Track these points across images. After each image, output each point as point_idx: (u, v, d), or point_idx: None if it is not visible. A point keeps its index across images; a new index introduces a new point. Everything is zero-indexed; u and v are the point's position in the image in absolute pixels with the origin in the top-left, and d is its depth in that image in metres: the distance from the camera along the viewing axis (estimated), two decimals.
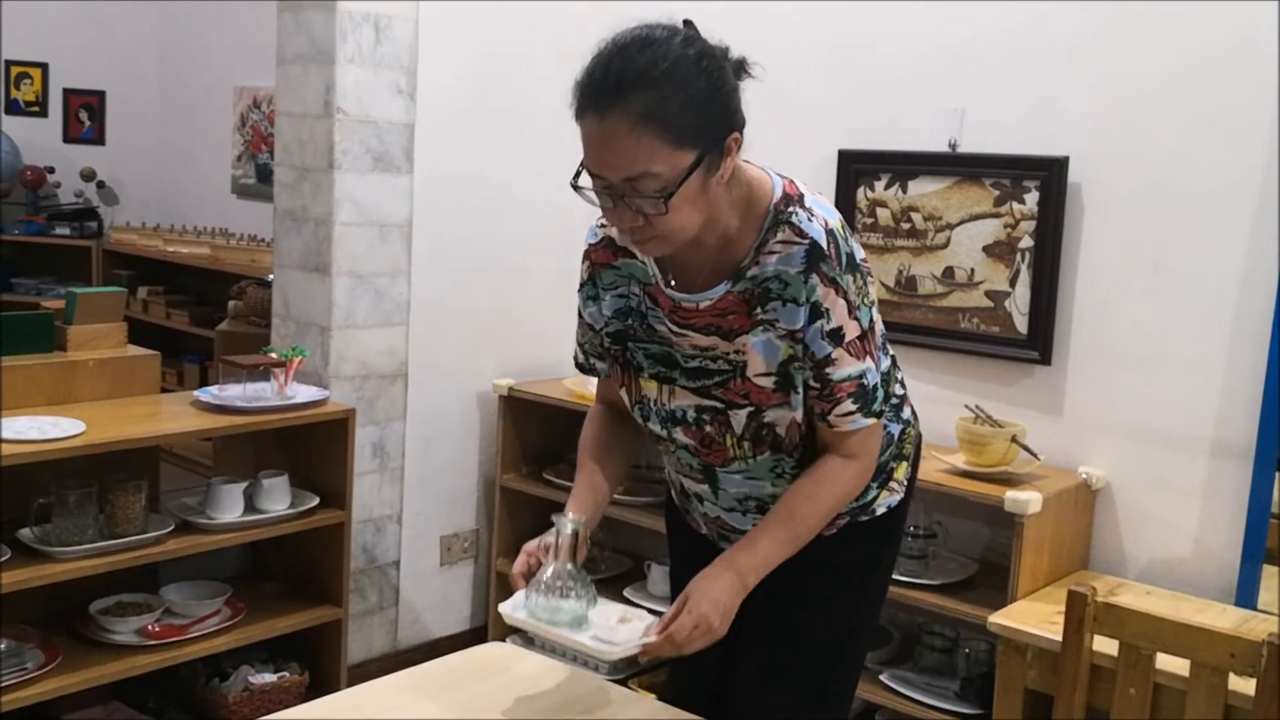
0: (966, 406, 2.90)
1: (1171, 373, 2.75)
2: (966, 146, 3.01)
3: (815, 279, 1.66)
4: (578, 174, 1.69)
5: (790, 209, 1.70)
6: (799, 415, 1.75)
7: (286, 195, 3.32)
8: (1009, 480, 2.74)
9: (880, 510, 1.90)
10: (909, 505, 1.99)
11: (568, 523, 1.72)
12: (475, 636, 3.68)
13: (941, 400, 3.04)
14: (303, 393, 3.11)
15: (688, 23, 1.67)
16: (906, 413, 1.95)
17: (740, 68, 1.68)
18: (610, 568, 3.54)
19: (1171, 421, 2.76)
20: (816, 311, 1.67)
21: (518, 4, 3.54)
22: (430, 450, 3.53)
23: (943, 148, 3.04)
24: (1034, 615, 2.53)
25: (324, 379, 3.24)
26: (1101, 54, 2.81)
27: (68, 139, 6.48)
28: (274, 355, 3.12)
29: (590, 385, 3.41)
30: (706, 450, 1.80)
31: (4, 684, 2.56)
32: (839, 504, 1.78)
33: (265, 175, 5.81)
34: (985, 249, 2.97)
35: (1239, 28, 2.61)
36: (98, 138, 6.54)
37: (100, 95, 6.50)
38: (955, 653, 2.93)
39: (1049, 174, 2.85)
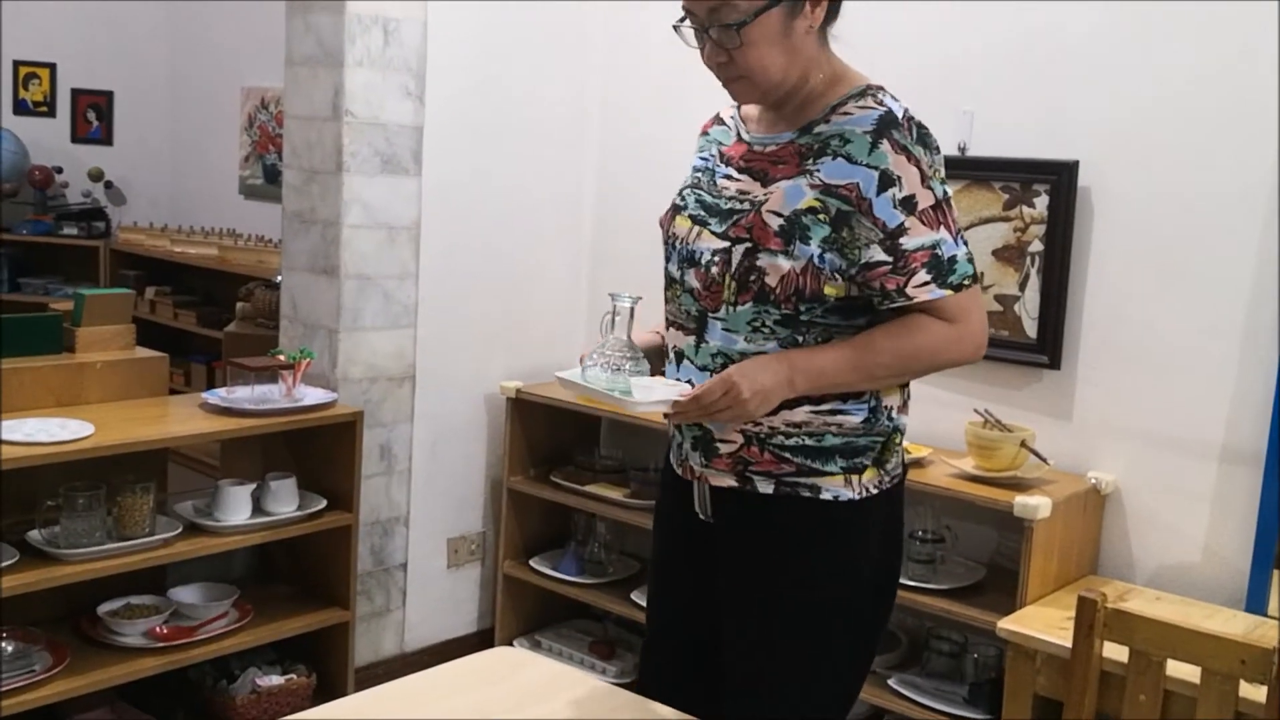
0: (975, 411, 2.89)
1: (1182, 377, 2.75)
2: (976, 150, 3.01)
3: (886, 145, 1.71)
4: (682, 19, 1.82)
5: (879, 90, 1.79)
6: (798, 268, 1.74)
7: (295, 197, 3.32)
8: (1018, 485, 2.73)
9: (829, 494, 1.81)
10: (873, 519, 1.85)
11: (625, 298, 1.84)
12: (483, 639, 3.68)
13: (950, 404, 3.04)
14: (310, 395, 3.11)
15: None
16: (902, 422, 1.88)
17: None
18: (617, 570, 3.54)
19: (1181, 426, 2.75)
20: (887, 179, 1.70)
21: (525, 6, 3.54)
22: (437, 452, 3.53)
23: (952, 151, 3.03)
24: (1043, 621, 2.52)
25: (332, 381, 3.24)
26: (1111, 58, 2.81)
27: (76, 139, 6.49)
28: (282, 358, 3.12)
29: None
30: (706, 293, 1.82)
31: (11, 686, 2.56)
32: (923, 354, 1.76)
33: (273, 176, 5.82)
34: (995, 253, 2.96)
35: (1248, 32, 2.60)
36: (105, 138, 6.54)
37: (108, 95, 6.51)
38: (964, 658, 2.92)
39: (1059, 178, 2.84)
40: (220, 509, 2.94)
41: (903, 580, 2.79)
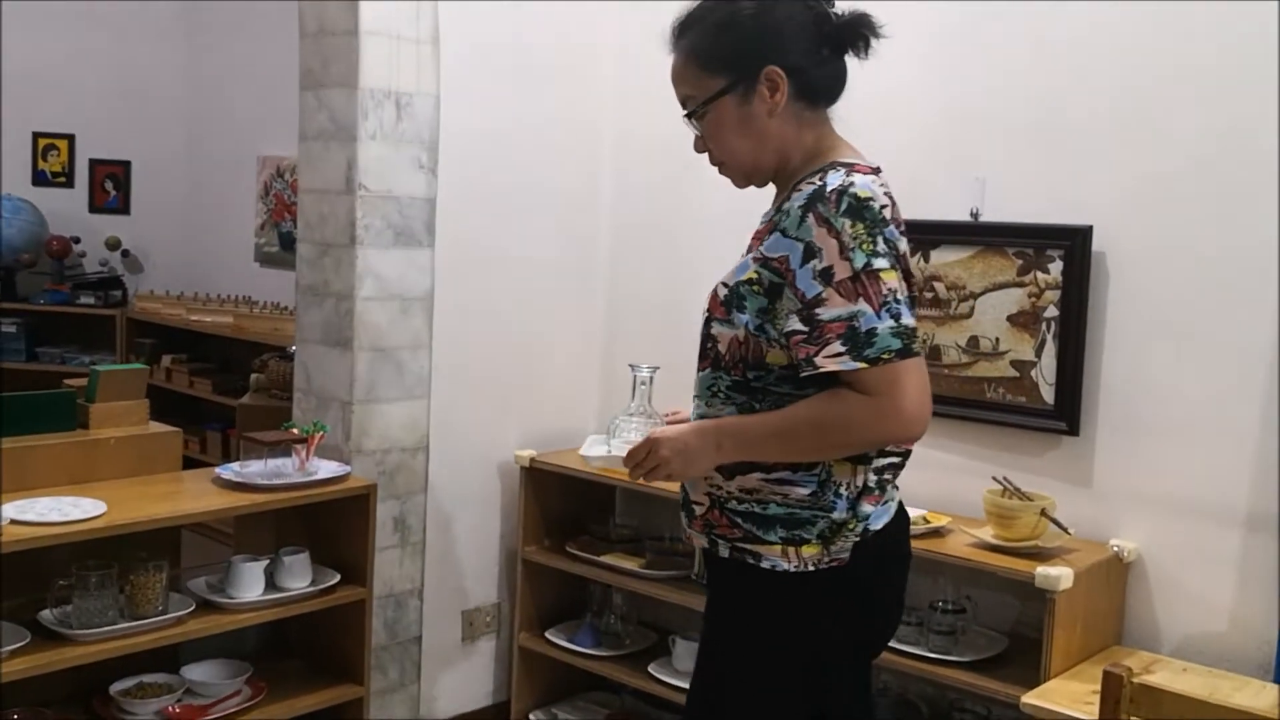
0: (994, 478, 2.86)
1: (1202, 442, 2.71)
2: (989, 215, 3.00)
3: (811, 218, 1.77)
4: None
5: (835, 165, 1.85)
6: (739, 336, 1.84)
7: (308, 270, 3.33)
8: (1039, 555, 2.69)
9: (768, 563, 1.85)
10: (816, 594, 1.86)
11: (643, 368, 2.15)
12: (499, 713, 3.64)
13: (968, 471, 3.01)
14: (324, 468, 3.10)
15: None
16: (865, 510, 1.86)
17: (823, 20, 1.89)
18: (634, 642, 3.49)
19: (1204, 492, 2.72)
20: (810, 251, 1.76)
21: (536, 80, 3.57)
22: (451, 523, 3.51)
23: (965, 217, 3.03)
24: (1068, 695, 2.48)
25: (345, 453, 3.23)
26: (1124, 122, 2.80)
27: (94, 209, 6.55)
28: (295, 431, 3.11)
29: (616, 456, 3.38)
30: (701, 360, 1.96)
31: None
32: (837, 426, 1.76)
33: (288, 243, 5.85)
34: (1010, 318, 2.95)
35: (1263, 96, 2.60)
36: (123, 207, 6.60)
37: (126, 165, 6.58)
38: None
39: (1072, 244, 2.83)
40: (233, 585, 2.93)
41: (923, 652, 2.79)
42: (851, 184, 1.78)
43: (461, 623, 3.57)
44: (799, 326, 1.76)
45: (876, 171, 1.89)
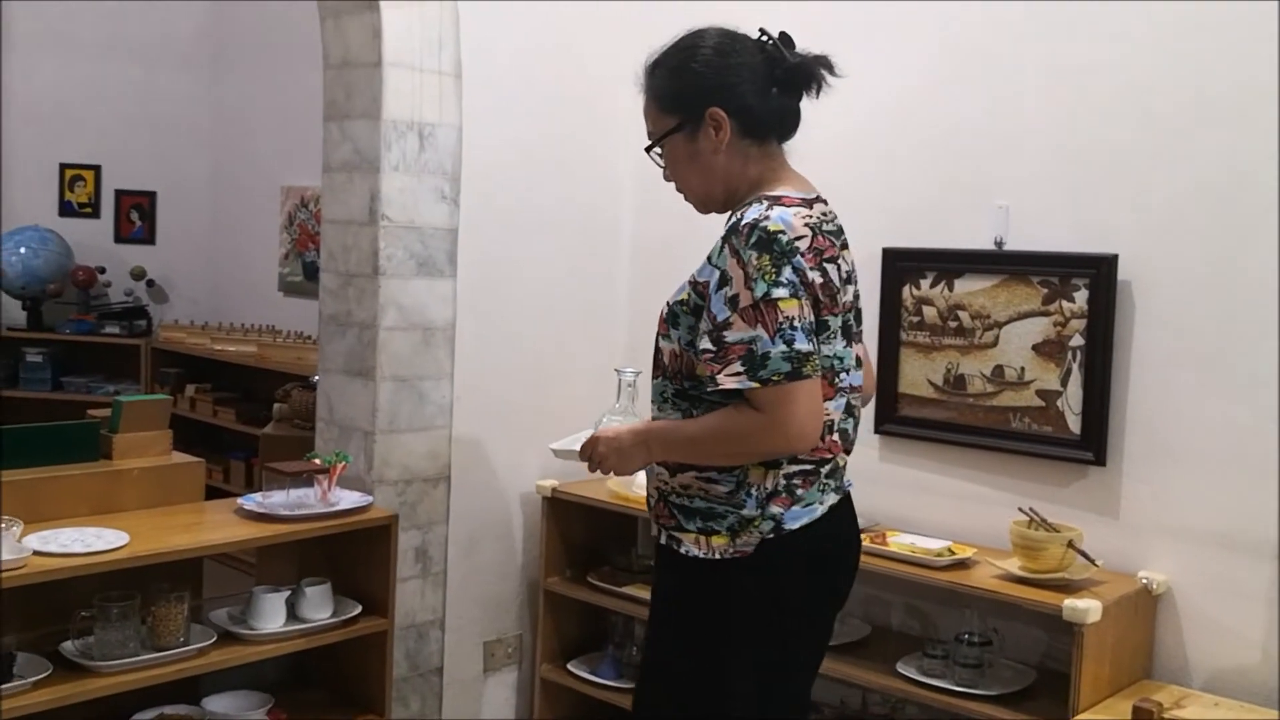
0: (1020, 509, 2.83)
1: (1231, 472, 2.68)
2: (1013, 244, 2.98)
3: (726, 248, 1.97)
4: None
5: (762, 198, 2.03)
6: (675, 349, 2.07)
7: (331, 300, 3.34)
8: (1066, 587, 2.66)
9: (685, 549, 2.06)
10: (725, 582, 2.03)
11: (628, 372, 2.60)
12: None
13: (994, 502, 2.99)
14: (346, 498, 3.10)
15: (761, 31, 2.10)
16: (774, 511, 2.01)
17: (776, 63, 2.06)
18: None
19: (1234, 523, 2.68)
20: (724, 278, 1.96)
21: (556, 109, 3.58)
22: (473, 553, 3.49)
23: (989, 245, 3.01)
24: None
25: (367, 483, 3.23)
26: (1149, 150, 2.78)
27: (119, 239, 6.60)
28: (318, 461, 3.11)
29: (630, 486, 3.37)
30: (654, 370, 2.17)
31: None
32: (734, 435, 1.97)
33: (312, 273, 5.88)
34: (1035, 347, 2.92)
35: None
36: (148, 237, 6.65)
37: (151, 196, 6.63)
38: None
39: (1098, 272, 2.81)
40: (255, 616, 2.92)
41: (949, 685, 2.75)
42: (766, 218, 1.95)
43: (483, 654, 3.55)
44: (709, 345, 1.96)
45: (809, 204, 2.05)
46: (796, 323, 1.92)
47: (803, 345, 1.91)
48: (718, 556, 2.03)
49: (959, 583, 2.76)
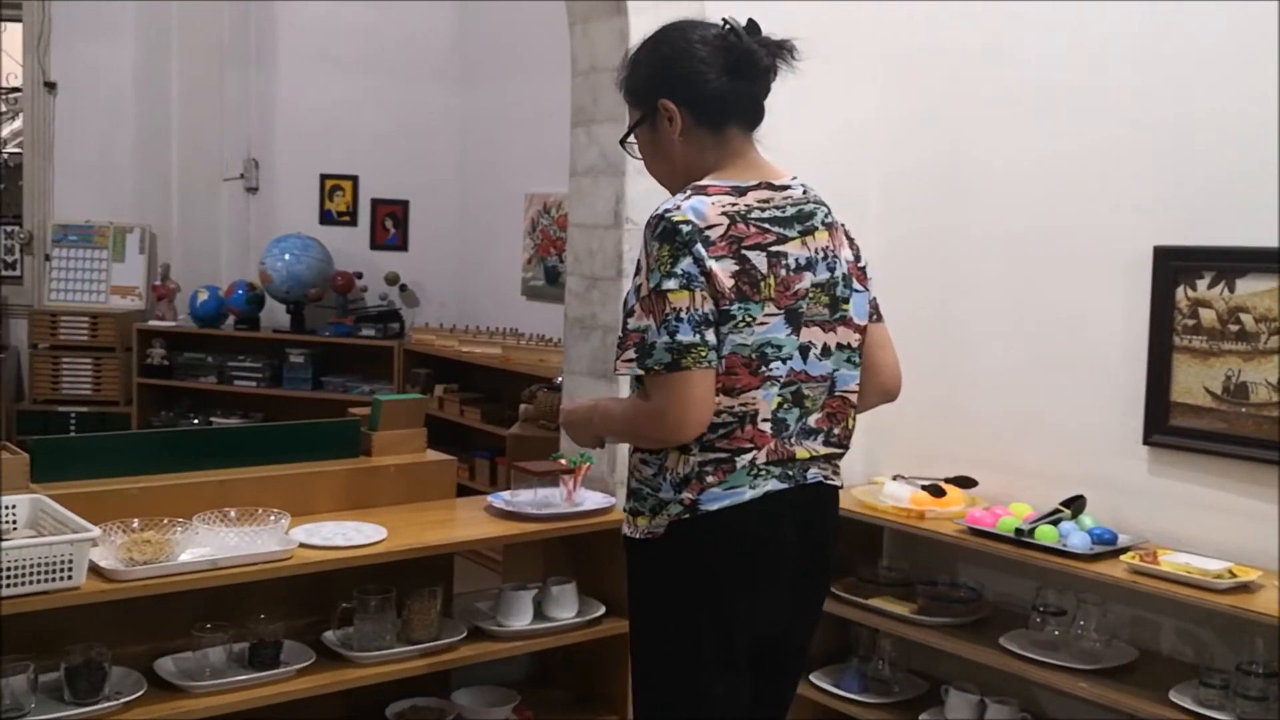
0: None
1: None
2: None
3: (644, 239, 2.04)
4: None
5: (688, 188, 2.07)
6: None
7: (576, 303, 3.36)
8: None
9: (623, 529, 2.17)
10: (651, 559, 2.11)
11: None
12: None
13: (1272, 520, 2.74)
14: (590, 499, 3.11)
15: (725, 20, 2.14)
16: (685, 497, 2.04)
17: (730, 50, 2.09)
18: (903, 690, 3.34)
19: None
20: (638, 267, 2.04)
21: (802, 104, 3.49)
22: None
23: (1275, 242, 2.77)
24: None
25: (610, 485, 3.23)
26: None
27: (374, 246, 6.91)
28: (563, 462, 3.14)
29: (885, 494, 3.27)
30: None
31: None
32: (626, 419, 2.12)
33: (553, 277, 6.00)
34: None
35: None
36: (401, 244, 6.93)
37: (404, 204, 6.91)
38: None
39: None
40: (504, 613, 2.96)
41: (1229, 718, 2.54)
42: (677, 208, 2.01)
43: None
44: (620, 331, 2.06)
45: (742, 192, 2.07)
46: (683, 314, 1.97)
47: (685, 337, 1.96)
48: (639, 536, 2.12)
49: (1242, 607, 2.54)
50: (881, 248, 3.69)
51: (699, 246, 1.98)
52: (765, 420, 2.06)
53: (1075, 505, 3.01)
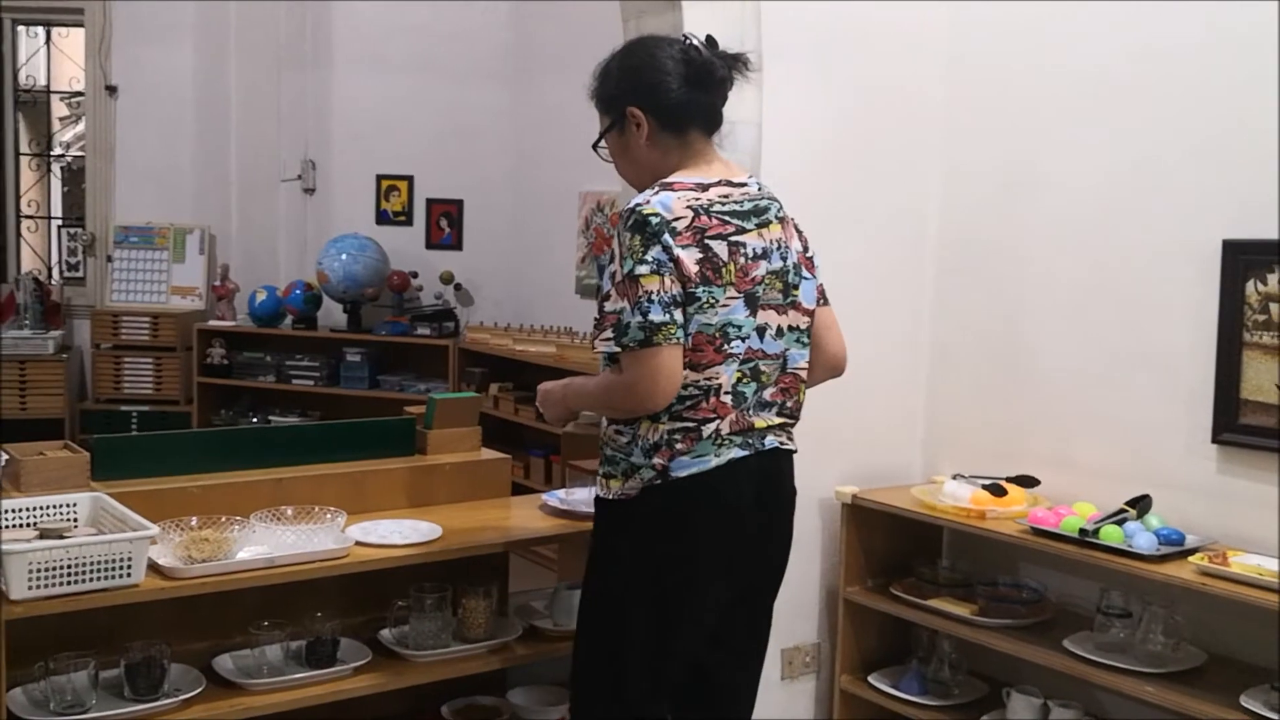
0: None
1: None
2: None
3: (616, 230, 2.24)
4: None
5: (657, 185, 2.27)
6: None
7: None
8: None
9: (597, 491, 2.37)
10: (624, 520, 2.30)
11: None
12: None
13: None
14: None
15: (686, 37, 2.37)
16: (656, 462, 2.24)
17: (690, 61, 2.32)
18: (964, 692, 3.29)
19: None
20: (611, 256, 2.24)
21: (859, 107, 3.46)
22: None
23: None
24: None
25: None
26: None
27: (429, 245, 6.93)
28: None
29: (944, 493, 3.22)
30: None
31: None
32: (601, 391, 2.33)
33: None
34: None
35: None
36: (456, 243, 6.96)
37: (459, 204, 6.93)
38: None
39: None
40: (558, 612, 2.95)
41: None
42: (647, 203, 2.21)
43: (781, 661, 3.48)
44: (595, 314, 2.25)
45: (705, 189, 2.27)
46: (654, 297, 2.17)
47: (656, 316, 2.16)
48: (612, 497, 2.31)
49: None
50: (942, 243, 3.64)
51: (666, 236, 2.19)
52: (727, 393, 2.26)
53: (1141, 505, 2.95)
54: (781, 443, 2.40)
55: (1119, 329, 3.16)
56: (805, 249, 2.47)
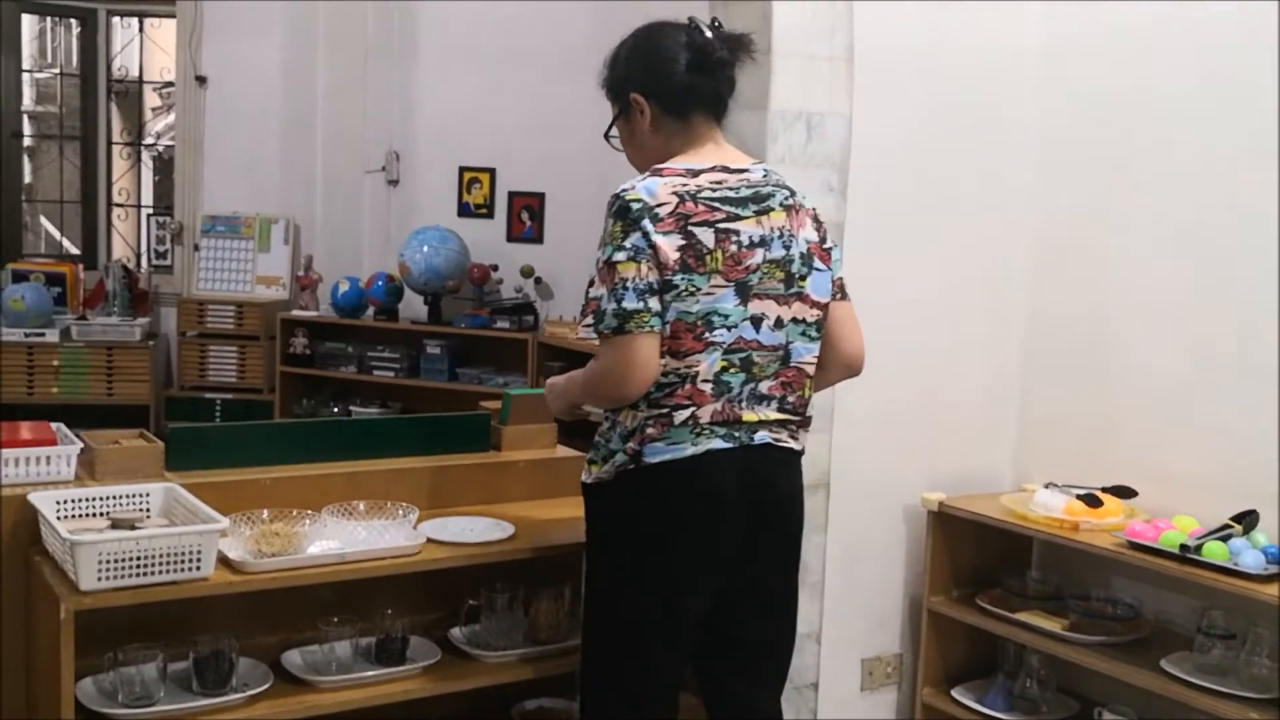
0: None
1: None
2: None
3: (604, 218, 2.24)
4: None
5: (649, 170, 2.28)
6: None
7: None
8: None
9: (582, 477, 2.38)
10: (603, 502, 2.32)
11: None
12: None
13: None
14: None
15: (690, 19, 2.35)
16: (629, 447, 2.23)
17: (692, 45, 2.31)
18: (1052, 710, 3.17)
19: None
20: (599, 243, 2.24)
21: (951, 98, 3.34)
22: (852, 565, 3.32)
23: None
24: None
25: None
26: None
27: (510, 238, 6.89)
28: None
29: (1036, 503, 3.09)
30: None
31: None
32: (582, 380, 2.36)
33: None
34: None
35: None
36: (536, 237, 6.90)
37: (540, 197, 6.88)
38: None
39: None
40: None
41: None
42: (631, 188, 2.22)
43: (861, 671, 3.38)
44: (583, 299, 2.25)
45: (695, 174, 2.25)
46: (629, 283, 2.16)
47: (630, 304, 2.15)
48: (590, 481, 2.33)
49: None
50: (1036, 244, 3.51)
51: (646, 222, 2.18)
52: (705, 381, 2.21)
53: (1247, 521, 2.80)
54: (777, 439, 2.31)
55: (1221, 336, 3.01)
56: (823, 240, 2.39)
